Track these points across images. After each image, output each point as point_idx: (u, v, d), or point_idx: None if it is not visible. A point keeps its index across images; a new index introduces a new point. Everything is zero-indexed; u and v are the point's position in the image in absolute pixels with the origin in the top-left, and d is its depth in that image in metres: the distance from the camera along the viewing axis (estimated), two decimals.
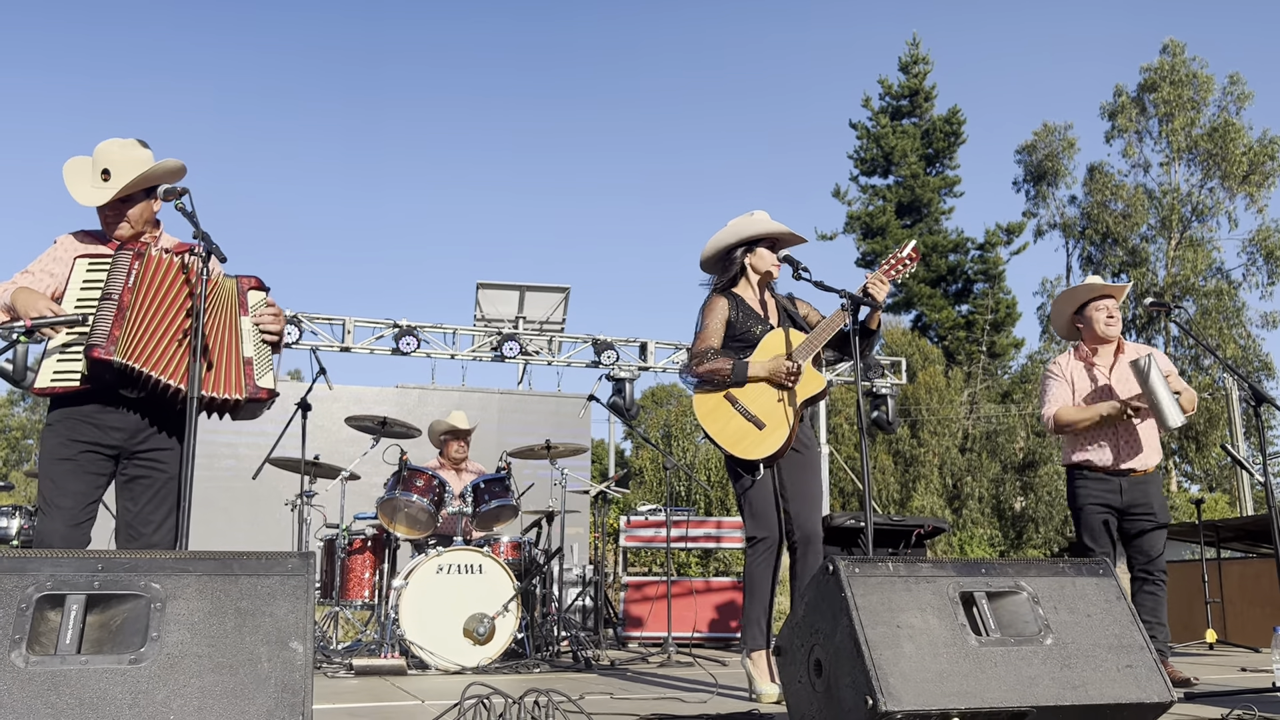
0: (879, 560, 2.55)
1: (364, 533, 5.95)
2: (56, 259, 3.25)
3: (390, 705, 3.70)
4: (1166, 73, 30.51)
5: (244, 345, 3.25)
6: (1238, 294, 30.30)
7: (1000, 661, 2.43)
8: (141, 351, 3.04)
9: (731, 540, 7.87)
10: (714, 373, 3.90)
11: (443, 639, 5.10)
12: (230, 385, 3.17)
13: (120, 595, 1.98)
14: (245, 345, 3.26)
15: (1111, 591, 2.66)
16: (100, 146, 3.26)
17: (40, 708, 1.80)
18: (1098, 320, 4.59)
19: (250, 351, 3.26)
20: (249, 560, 2.09)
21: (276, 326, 3.39)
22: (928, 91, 33.05)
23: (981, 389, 30.16)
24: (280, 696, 1.93)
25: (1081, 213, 31.82)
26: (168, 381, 3.07)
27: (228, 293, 3.27)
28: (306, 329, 10.20)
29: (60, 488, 3.07)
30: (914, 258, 3.90)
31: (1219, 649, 6.97)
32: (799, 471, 3.96)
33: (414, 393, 11.13)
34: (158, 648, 1.92)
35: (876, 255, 31.22)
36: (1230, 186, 30.09)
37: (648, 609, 7.35)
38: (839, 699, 2.43)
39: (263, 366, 3.28)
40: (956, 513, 26.96)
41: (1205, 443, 28.51)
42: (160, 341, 3.10)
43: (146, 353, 3.05)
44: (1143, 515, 4.42)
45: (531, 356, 11.31)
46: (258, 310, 3.34)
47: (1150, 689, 2.48)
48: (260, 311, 3.34)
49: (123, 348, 3.00)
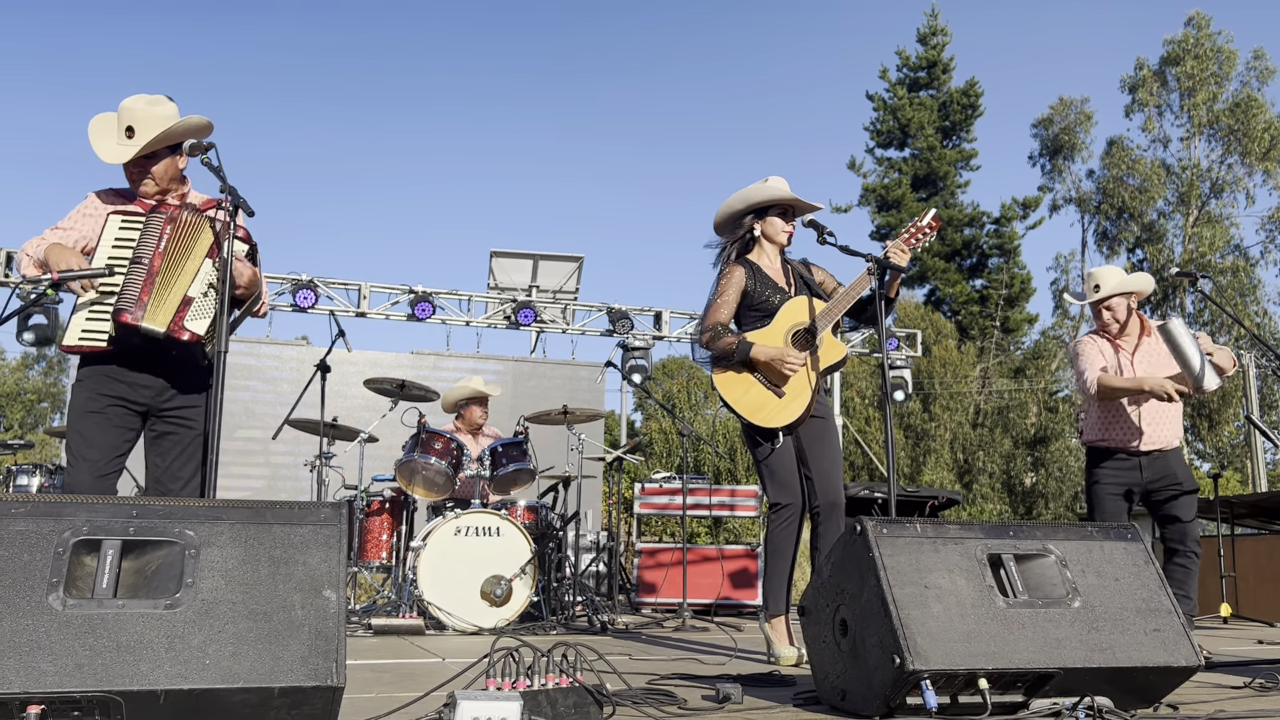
0: (907, 521, 2.55)
1: (382, 494, 5.97)
2: (87, 215, 3.25)
3: (412, 662, 3.73)
4: (1190, 46, 30.08)
5: (192, 285, 3.15)
6: (1255, 271, 30.07)
7: (1028, 623, 2.43)
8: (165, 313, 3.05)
9: (745, 509, 7.88)
10: (722, 351, 3.90)
11: (460, 600, 5.14)
12: (156, 317, 3.07)
13: (155, 541, 1.99)
14: (194, 285, 3.15)
15: (1140, 556, 2.65)
16: (125, 103, 3.24)
17: (79, 649, 1.82)
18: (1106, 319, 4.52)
19: (195, 292, 3.16)
20: (281, 509, 2.09)
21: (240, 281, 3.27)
22: (945, 63, 32.68)
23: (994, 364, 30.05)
24: (314, 643, 1.95)
25: (1098, 187, 31.53)
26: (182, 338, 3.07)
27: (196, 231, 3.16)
28: (323, 293, 10.20)
29: (88, 440, 3.10)
30: (934, 226, 3.85)
31: (1233, 623, 6.97)
32: (819, 439, 3.95)
33: (429, 358, 11.14)
34: (193, 593, 1.93)
35: (891, 228, 31.01)
36: (1250, 163, 29.76)
37: (661, 575, 7.39)
38: (865, 658, 2.43)
39: (201, 310, 3.17)
40: (967, 487, 26.96)
41: (1218, 420, 28.40)
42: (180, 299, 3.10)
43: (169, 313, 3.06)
44: (1168, 485, 4.37)
45: (546, 325, 11.30)
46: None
47: (1177, 653, 2.48)
48: None
49: (151, 314, 3.02)
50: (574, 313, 11.53)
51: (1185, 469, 4.46)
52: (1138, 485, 4.39)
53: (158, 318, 3.04)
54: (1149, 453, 4.39)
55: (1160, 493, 4.39)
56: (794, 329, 3.89)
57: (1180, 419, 4.48)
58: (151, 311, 3.04)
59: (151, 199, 3.29)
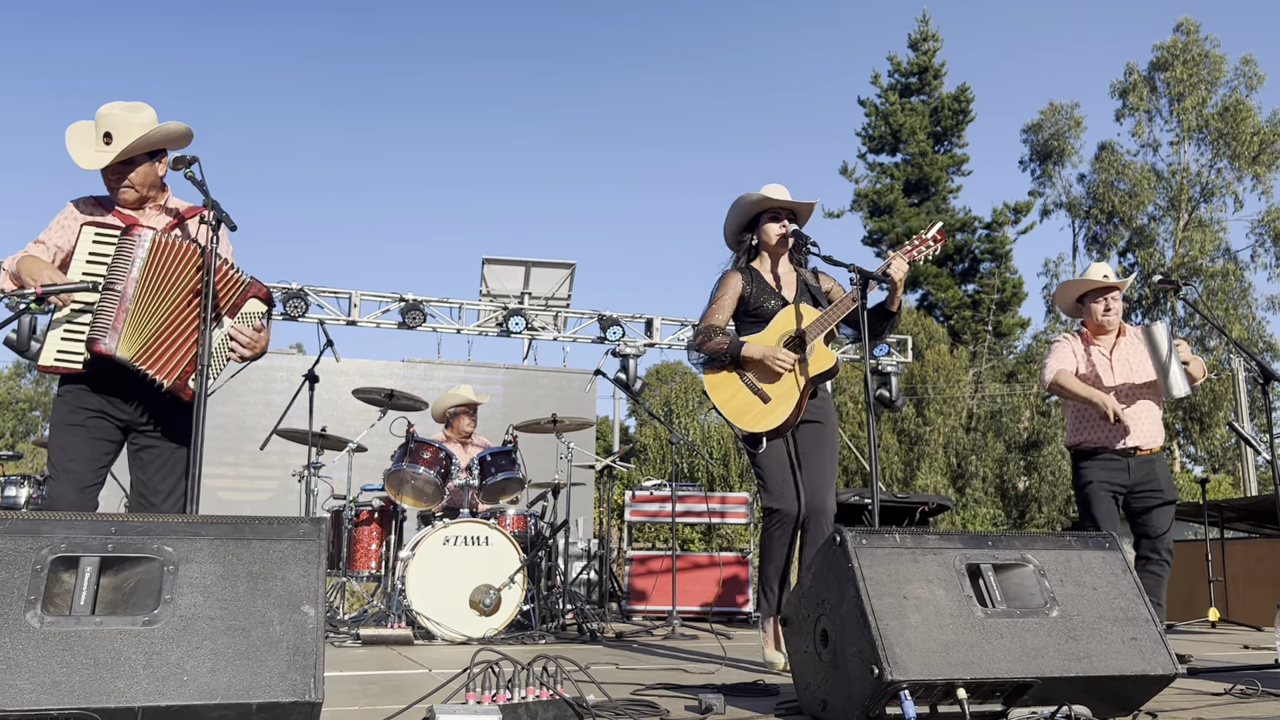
0: (886, 532, 2.56)
1: (371, 504, 5.97)
2: (64, 227, 3.23)
3: (398, 674, 3.73)
4: (1179, 51, 30.24)
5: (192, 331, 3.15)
6: (1244, 275, 30.20)
7: (1006, 633, 2.44)
8: (141, 345, 3.04)
9: (736, 516, 7.89)
10: (714, 351, 3.95)
11: (449, 610, 5.13)
12: (164, 370, 3.10)
13: (133, 558, 1.99)
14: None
15: (1117, 565, 2.67)
16: (102, 109, 3.23)
17: (56, 667, 1.82)
18: (1095, 312, 4.65)
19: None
20: (260, 525, 2.10)
21: (247, 351, 3.30)
22: (937, 69, 32.81)
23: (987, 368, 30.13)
24: (292, 659, 1.95)
25: (1088, 192, 31.64)
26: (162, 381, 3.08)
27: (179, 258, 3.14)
28: (313, 302, 10.21)
29: (69, 453, 3.09)
30: (939, 239, 3.87)
31: (1221, 627, 6.99)
32: (814, 445, 3.97)
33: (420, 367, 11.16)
34: (171, 610, 1.94)
35: (883, 233, 31.12)
36: (1239, 167, 29.91)
37: (651, 583, 7.39)
38: (845, 669, 2.44)
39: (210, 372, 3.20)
40: (960, 492, 27.01)
41: (1209, 424, 28.49)
42: (161, 332, 3.09)
43: (146, 347, 3.05)
44: (1150, 493, 4.42)
45: (537, 332, 11.31)
46: (245, 322, 3.29)
47: (1155, 661, 2.50)
48: (240, 329, 3.27)
49: (125, 343, 3.01)
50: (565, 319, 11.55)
51: (1168, 478, 4.51)
52: (1123, 486, 4.43)
53: (131, 348, 3.02)
54: (1134, 454, 4.43)
55: (1141, 499, 4.44)
56: (786, 335, 3.91)
57: (1159, 419, 4.54)
58: (126, 341, 3.01)
59: (131, 207, 3.28)
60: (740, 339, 3.92)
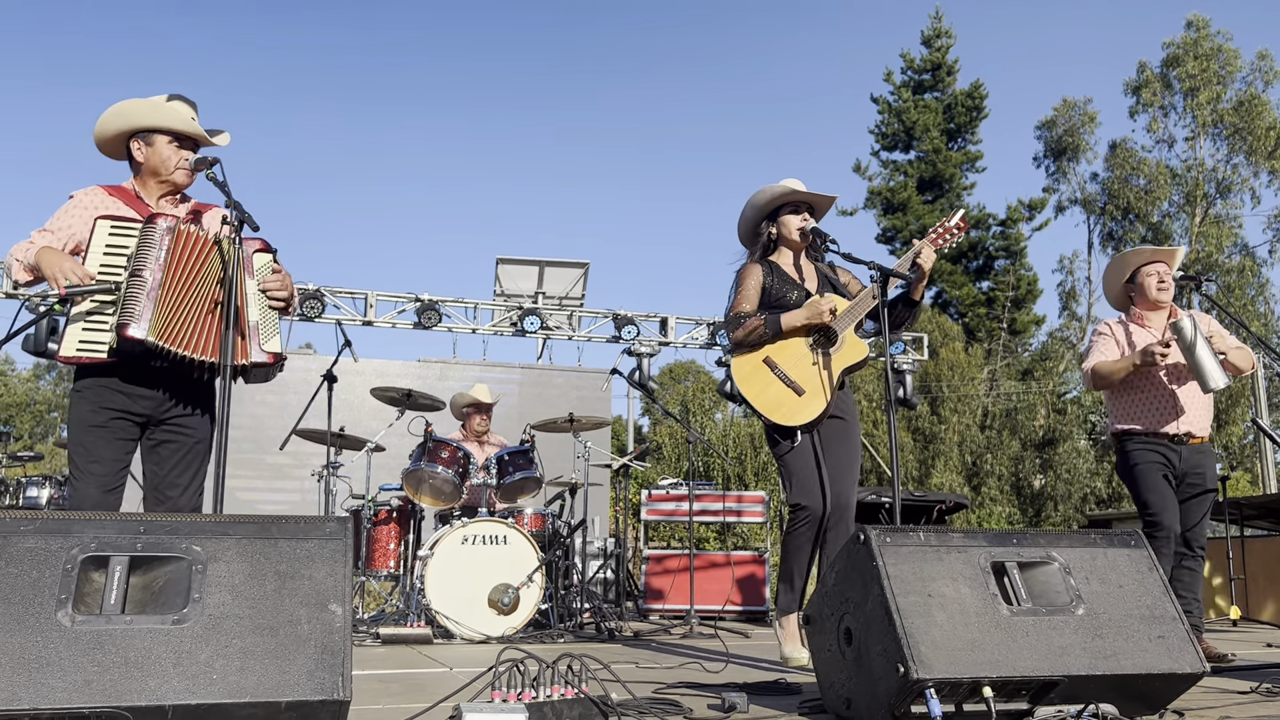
0: (910, 530, 2.55)
1: (389, 504, 5.99)
2: (76, 216, 3.19)
3: (420, 673, 3.74)
4: (1190, 46, 30.05)
5: (249, 310, 3.21)
6: (1261, 271, 29.98)
7: (1032, 631, 2.43)
8: (171, 328, 3.05)
9: (752, 515, 7.88)
10: (750, 333, 3.84)
11: (468, 609, 5.15)
12: (196, 347, 3.11)
13: (162, 557, 2.00)
14: (250, 310, 3.22)
15: (1144, 563, 2.66)
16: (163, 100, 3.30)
17: (87, 665, 1.83)
18: (1149, 286, 4.46)
19: (255, 316, 3.22)
20: (287, 524, 2.11)
21: (284, 292, 3.33)
22: (950, 65, 32.66)
23: (1002, 366, 29.98)
24: (320, 658, 1.96)
25: (1102, 188, 31.47)
26: (197, 358, 3.10)
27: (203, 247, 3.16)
28: (329, 303, 10.24)
29: (92, 454, 3.10)
30: (962, 227, 3.83)
31: (1242, 625, 6.95)
32: (838, 441, 3.93)
33: (436, 366, 11.18)
34: (200, 609, 1.95)
35: (897, 231, 31.00)
36: (1256, 162, 29.69)
37: (668, 582, 7.39)
38: (869, 667, 2.44)
39: (268, 331, 3.26)
40: (975, 490, 26.90)
41: (1227, 420, 28.27)
42: (189, 316, 3.10)
43: (175, 329, 3.06)
44: (1196, 484, 4.30)
45: (552, 331, 11.32)
46: (263, 274, 3.30)
47: (1182, 659, 2.48)
48: (265, 277, 3.30)
49: (155, 326, 3.01)
50: (580, 319, 11.55)
51: (1214, 472, 4.40)
52: (1174, 471, 4.29)
53: (160, 331, 3.02)
54: (1185, 439, 4.30)
55: (1186, 489, 4.31)
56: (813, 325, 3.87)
57: (1210, 406, 4.40)
58: (155, 326, 3.01)
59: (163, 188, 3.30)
60: (776, 315, 3.83)
